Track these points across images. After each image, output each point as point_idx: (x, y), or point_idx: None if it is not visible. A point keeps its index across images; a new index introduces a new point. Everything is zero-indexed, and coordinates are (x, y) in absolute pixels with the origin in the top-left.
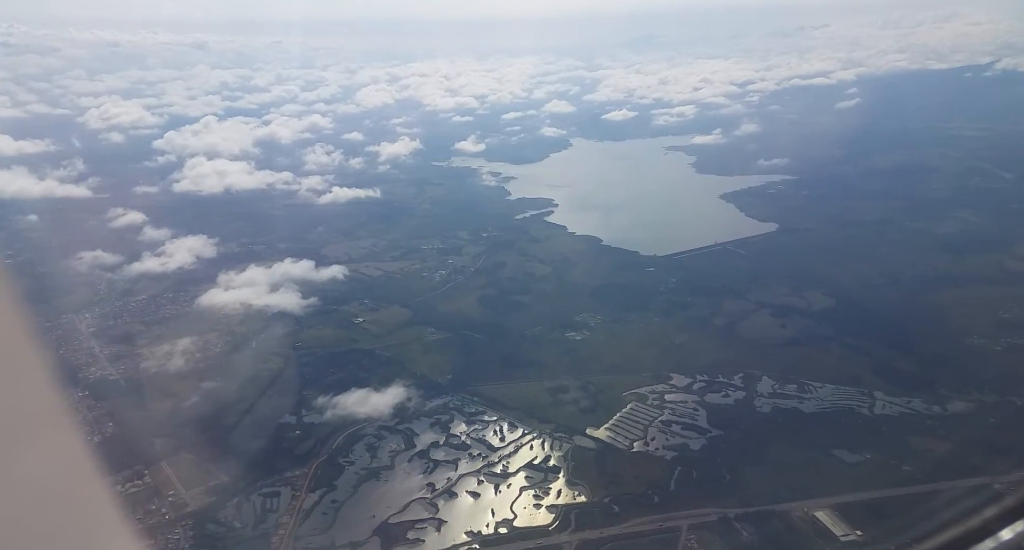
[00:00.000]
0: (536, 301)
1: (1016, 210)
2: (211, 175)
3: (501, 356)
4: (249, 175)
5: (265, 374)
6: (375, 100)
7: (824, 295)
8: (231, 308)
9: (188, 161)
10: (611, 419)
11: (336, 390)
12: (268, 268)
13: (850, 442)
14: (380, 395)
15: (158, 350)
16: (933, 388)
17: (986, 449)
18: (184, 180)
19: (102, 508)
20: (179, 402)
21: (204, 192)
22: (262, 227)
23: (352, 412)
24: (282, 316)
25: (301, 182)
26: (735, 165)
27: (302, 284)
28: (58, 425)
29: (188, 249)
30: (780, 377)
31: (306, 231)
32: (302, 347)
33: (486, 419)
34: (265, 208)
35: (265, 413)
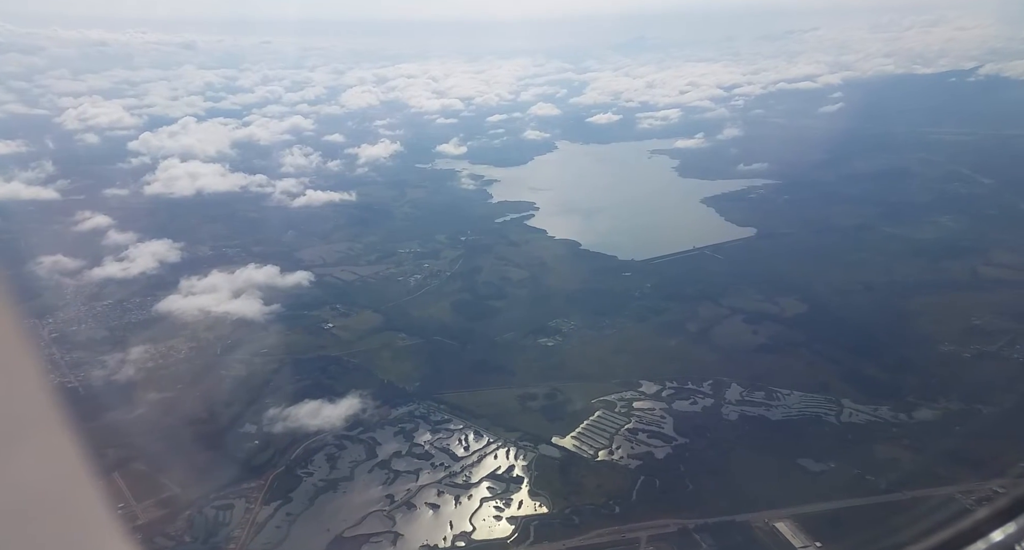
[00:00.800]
0: (511, 306)
1: (992, 216)
2: (183, 177)
3: (471, 362)
4: (222, 177)
5: (226, 382)
6: (360, 101)
7: (798, 301)
8: (191, 315)
9: (161, 163)
10: (578, 427)
11: (299, 398)
12: (231, 274)
13: (815, 451)
14: (344, 403)
15: (113, 358)
16: (901, 395)
17: (950, 458)
18: (156, 182)
19: (92, 509)
20: (133, 411)
21: (176, 195)
22: (233, 230)
23: (314, 421)
24: (247, 322)
25: (275, 184)
26: (718, 169)
27: (267, 290)
28: (48, 425)
29: (152, 254)
30: (749, 384)
31: (279, 235)
32: (267, 354)
33: (451, 427)
34: (237, 211)
35: (223, 422)
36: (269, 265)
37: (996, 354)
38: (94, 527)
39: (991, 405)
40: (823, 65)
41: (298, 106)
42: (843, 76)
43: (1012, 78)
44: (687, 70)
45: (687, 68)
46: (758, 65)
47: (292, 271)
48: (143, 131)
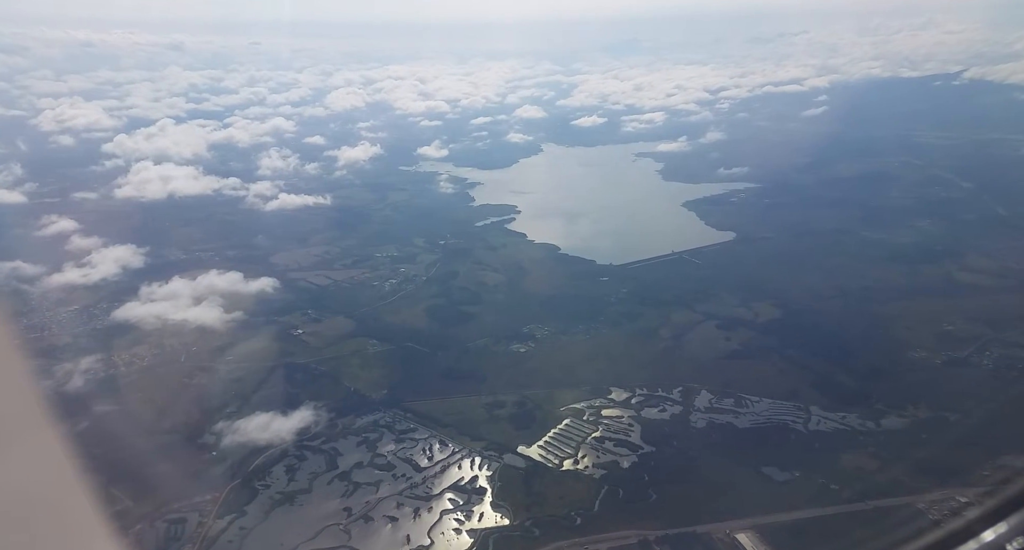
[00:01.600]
0: (485, 312)
1: (970, 221)
2: (155, 180)
3: (442, 370)
4: (195, 180)
5: (186, 391)
6: (344, 103)
7: (772, 306)
8: (150, 323)
9: (134, 166)
10: (545, 436)
11: (260, 407)
12: (195, 279)
13: (780, 459)
14: (306, 413)
15: (63, 368)
16: (869, 403)
17: (915, 467)
18: (127, 186)
19: (84, 512)
20: (82, 422)
21: (146, 198)
22: (204, 235)
23: (275, 431)
24: (212, 330)
25: (249, 188)
26: (701, 173)
27: (234, 296)
28: (38, 429)
29: (115, 259)
30: (719, 391)
31: (253, 239)
32: (233, 362)
33: (416, 437)
34: (209, 215)
35: (181, 433)
36: (237, 270)
37: (966, 361)
38: (85, 528)
39: (958, 413)
40: (810, 68)
41: (281, 108)
42: (830, 79)
43: (996, 82)
44: (675, 73)
45: (676, 71)
46: (746, 68)
47: (265, 275)
48: (121, 133)
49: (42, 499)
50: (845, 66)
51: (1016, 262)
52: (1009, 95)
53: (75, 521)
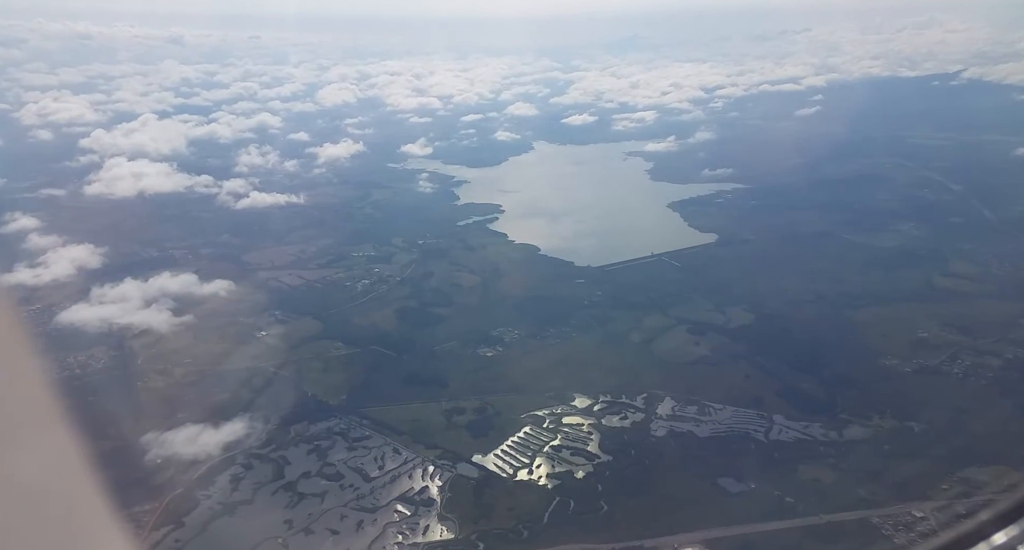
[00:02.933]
0: (456, 314)
1: (956, 224)
2: (127, 177)
3: (405, 374)
4: (168, 177)
5: (139, 396)
6: (335, 99)
7: (745, 311)
8: (95, 326)
9: (106, 162)
10: (502, 444)
11: (212, 413)
12: (144, 282)
13: (738, 470)
14: (259, 418)
15: None
16: (834, 412)
17: (873, 480)
18: (98, 182)
19: (94, 508)
20: None
21: (115, 196)
22: (171, 233)
23: (222, 438)
24: (169, 333)
25: (222, 185)
26: (690, 173)
27: (187, 298)
28: (49, 424)
29: (71, 259)
30: (683, 398)
31: (224, 237)
32: (191, 365)
33: (369, 445)
34: (179, 213)
35: (125, 440)
36: (208, 269)
37: (936, 369)
38: (94, 525)
39: (923, 423)
40: (810, 67)
41: (270, 103)
42: (828, 78)
43: (993, 82)
44: (673, 71)
45: (674, 68)
46: (745, 66)
47: (236, 275)
48: (106, 128)
49: (53, 496)
50: (845, 65)
51: (998, 267)
52: (1006, 96)
53: (85, 518)
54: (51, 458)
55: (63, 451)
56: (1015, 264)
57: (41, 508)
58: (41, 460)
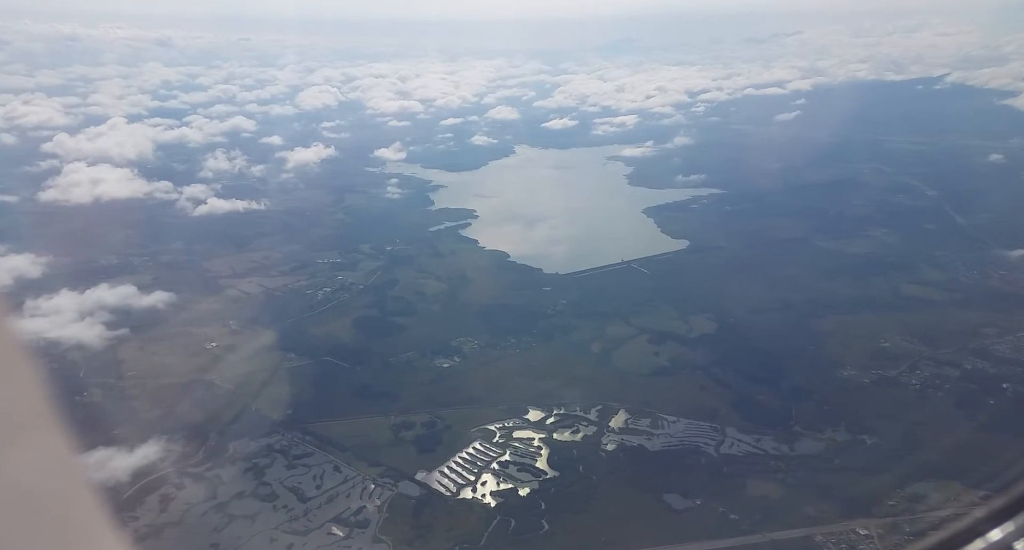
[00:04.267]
0: (417, 323)
1: (929, 231)
2: (84, 183)
3: (356, 387)
4: (127, 183)
5: (74, 411)
6: (315, 102)
7: (709, 320)
8: (39, 339)
9: (65, 167)
10: (448, 460)
11: (148, 430)
12: (81, 294)
13: (685, 485)
14: (195, 436)
15: None
16: (787, 425)
17: (820, 495)
18: (54, 188)
19: (89, 512)
20: None
21: (70, 202)
22: (128, 241)
23: (158, 457)
24: (113, 345)
25: (182, 191)
26: (667, 178)
27: (130, 309)
28: (44, 427)
29: (9, 269)
30: (637, 410)
31: (184, 244)
32: (135, 378)
33: (310, 463)
34: (137, 220)
35: None
36: (167, 276)
37: (895, 380)
38: (89, 528)
39: (876, 436)
40: (796, 70)
41: (248, 106)
42: (813, 82)
43: (976, 87)
44: (660, 74)
45: (661, 72)
46: (733, 69)
47: (194, 282)
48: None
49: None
50: (832, 69)
51: (967, 275)
52: (988, 100)
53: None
54: (44, 460)
55: (56, 453)
56: (983, 272)
57: (34, 511)
58: (34, 462)
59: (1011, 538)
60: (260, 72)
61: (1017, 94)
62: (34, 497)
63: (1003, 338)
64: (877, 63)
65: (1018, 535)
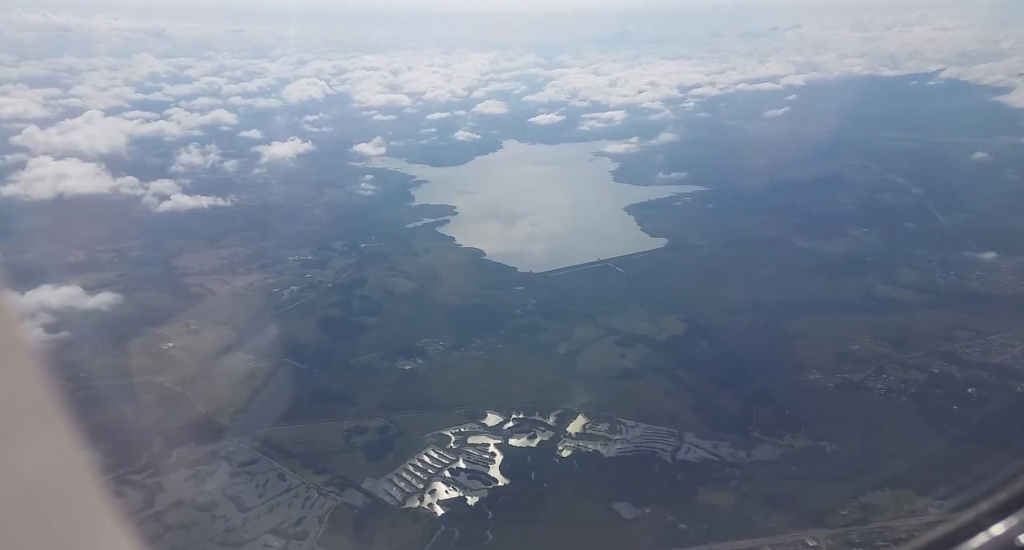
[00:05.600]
0: (382, 323)
1: (909, 230)
2: (49, 177)
3: (312, 390)
4: (94, 178)
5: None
6: (301, 95)
7: (679, 321)
8: None
9: (30, 161)
10: (397, 468)
11: (88, 436)
12: (34, 292)
13: (636, 494)
14: (139, 441)
15: None
16: (747, 430)
17: (772, 504)
18: (17, 183)
19: (94, 506)
20: None
21: (32, 197)
22: (93, 237)
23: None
24: (68, 342)
25: (149, 186)
26: (652, 175)
27: (80, 308)
28: (49, 421)
29: None
30: (596, 415)
31: (150, 240)
32: (84, 380)
33: (255, 470)
34: (105, 215)
35: None
36: (132, 273)
37: (860, 384)
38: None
39: (835, 443)
40: (792, 65)
41: (232, 99)
42: (807, 77)
43: (971, 82)
44: (655, 68)
45: (656, 66)
46: (729, 64)
47: (160, 280)
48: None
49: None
50: (828, 63)
51: (943, 276)
52: (980, 97)
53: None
54: (48, 457)
55: (61, 450)
56: (960, 273)
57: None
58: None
59: (1014, 532)
60: (251, 64)
61: (1010, 90)
62: (40, 492)
63: (974, 341)
64: (873, 58)
65: (1021, 529)
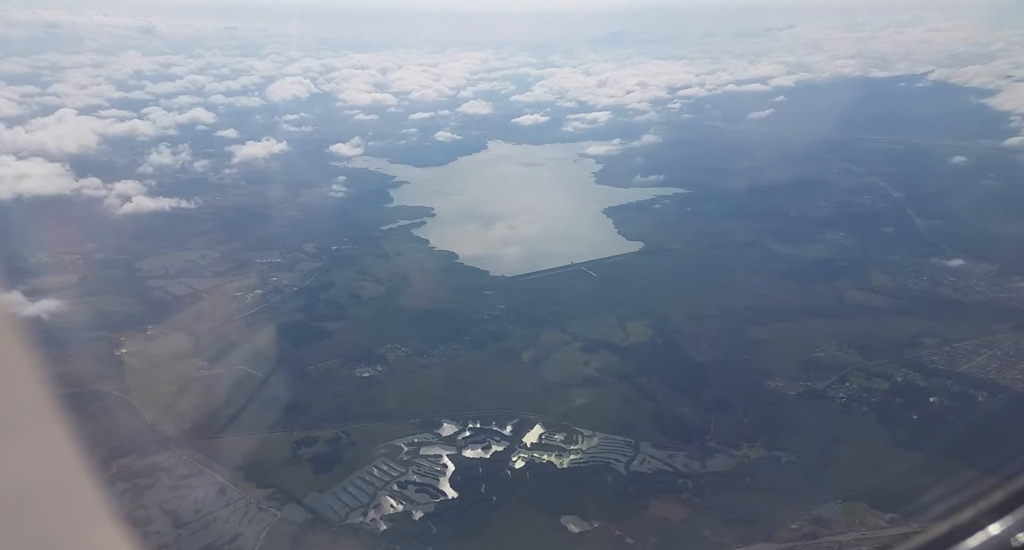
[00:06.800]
0: (345, 329)
1: (885, 234)
2: (7, 179)
3: (265, 399)
4: (57, 179)
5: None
6: (284, 94)
7: (646, 327)
8: None
9: None
10: (344, 480)
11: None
12: None
13: (586, 507)
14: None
15: None
16: (703, 440)
17: (722, 517)
18: None
19: (91, 505)
20: None
21: None
22: (52, 238)
23: None
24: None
25: (112, 187)
26: (632, 177)
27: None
28: (44, 420)
29: None
30: (553, 424)
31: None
32: None
33: (195, 483)
34: (70, 217)
35: None
36: (96, 275)
37: (822, 393)
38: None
39: (792, 453)
40: (783, 66)
41: (213, 97)
42: (797, 78)
43: (959, 84)
44: (646, 68)
45: (647, 66)
46: (720, 64)
47: (123, 282)
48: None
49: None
50: (820, 64)
51: (916, 281)
52: (966, 99)
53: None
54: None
55: (58, 450)
56: (933, 278)
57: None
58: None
59: (1010, 532)
60: (239, 62)
61: (996, 93)
62: (38, 492)
63: (940, 349)
64: (865, 59)
65: (1017, 530)
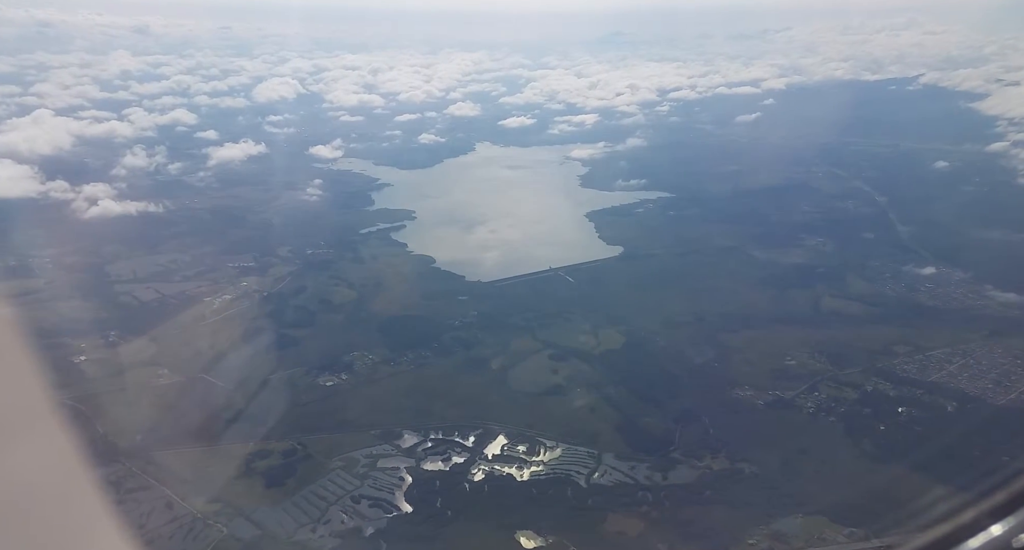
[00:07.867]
0: (313, 336)
1: (866, 240)
2: None
3: (223, 408)
4: (23, 181)
5: None
6: (270, 95)
7: (619, 334)
8: None
9: None
10: (296, 494)
11: None
12: None
13: (543, 521)
14: None
15: None
16: (667, 451)
17: (680, 531)
18: None
19: (90, 505)
20: None
21: None
22: (22, 242)
23: None
24: None
25: (80, 190)
26: (616, 180)
27: None
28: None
29: None
30: (517, 434)
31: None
32: None
33: (142, 497)
34: (31, 220)
35: None
36: (63, 279)
37: (790, 402)
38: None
39: (755, 465)
40: (776, 68)
41: (198, 98)
42: (788, 81)
43: (949, 88)
44: (638, 70)
45: (640, 68)
46: (713, 66)
47: (88, 289)
48: None
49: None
50: (812, 67)
51: (893, 288)
52: (955, 103)
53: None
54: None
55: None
56: (911, 285)
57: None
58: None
59: (1011, 533)
60: (229, 62)
61: (985, 97)
62: (38, 495)
63: (912, 357)
64: (858, 62)
65: (1019, 530)
